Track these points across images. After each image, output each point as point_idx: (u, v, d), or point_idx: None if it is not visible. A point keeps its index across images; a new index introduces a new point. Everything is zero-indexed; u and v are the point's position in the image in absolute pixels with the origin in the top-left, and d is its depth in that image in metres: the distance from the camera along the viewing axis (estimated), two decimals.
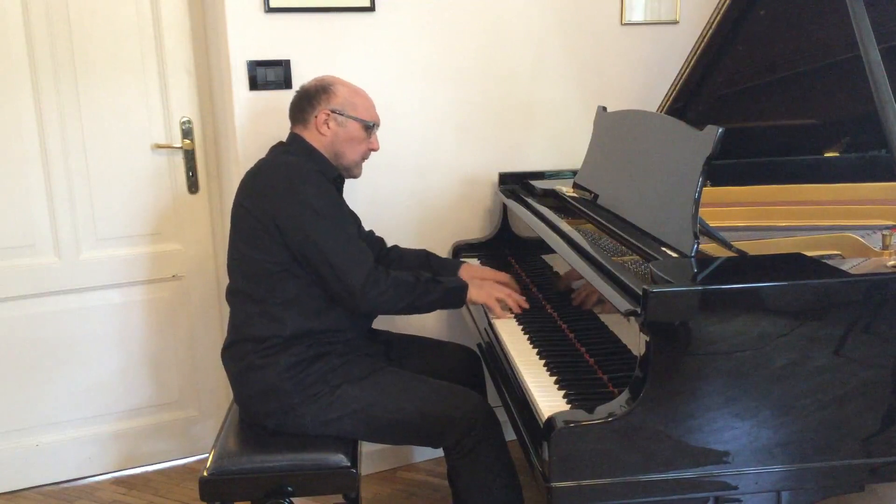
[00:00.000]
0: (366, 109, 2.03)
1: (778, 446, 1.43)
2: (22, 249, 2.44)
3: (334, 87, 2.00)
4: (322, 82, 2.02)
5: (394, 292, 1.89)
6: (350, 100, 2.00)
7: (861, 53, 1.74)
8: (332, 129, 1.99)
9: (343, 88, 2.01)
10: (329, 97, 1.98)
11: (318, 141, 1.99)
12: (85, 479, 2.64)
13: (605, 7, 2.67)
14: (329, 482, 1.82)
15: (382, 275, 1.88)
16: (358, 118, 2.00)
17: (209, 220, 2.63)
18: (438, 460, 2.65)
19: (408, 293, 1.91)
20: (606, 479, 1.40)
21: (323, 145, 2.00)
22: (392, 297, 1.89)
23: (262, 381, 1.86)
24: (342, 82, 2.03)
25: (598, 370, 1.65)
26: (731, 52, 2.15)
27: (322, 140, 1.99)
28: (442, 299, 1.98)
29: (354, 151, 2.03)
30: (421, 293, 1.92)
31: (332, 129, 1.99)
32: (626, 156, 2.02)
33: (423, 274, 1.98)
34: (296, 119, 2.03)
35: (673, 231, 1.64)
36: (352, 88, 2.03)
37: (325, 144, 2.00)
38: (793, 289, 1.40)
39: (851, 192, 2.20)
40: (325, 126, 1.98)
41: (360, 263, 1.86)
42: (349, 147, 2.01)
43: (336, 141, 2.00)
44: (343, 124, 1.99)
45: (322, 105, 1.98)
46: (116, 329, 2.59)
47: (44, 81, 2.36)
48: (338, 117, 1.98)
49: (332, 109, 1.98)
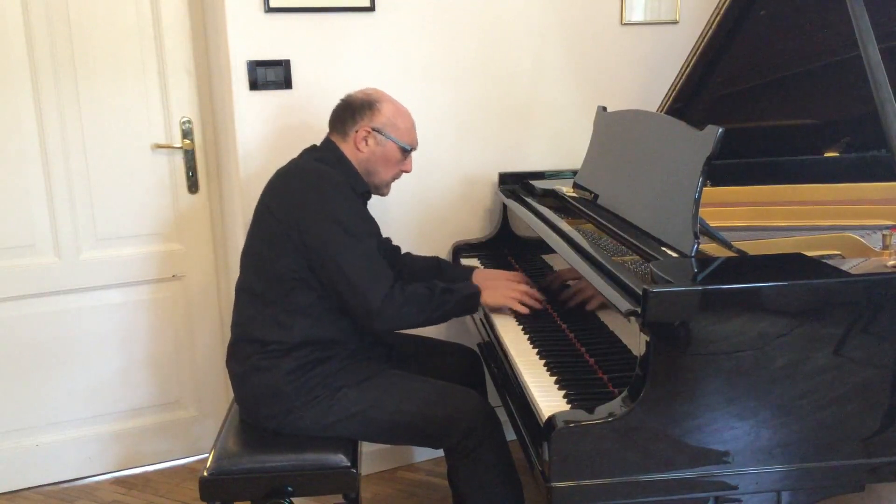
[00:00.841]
0: (407, 132, 2.01)
1: (778, 446, 1.43)
2: (22, 249, 2.44)
3: (380, 104, 1.97)
4: (369, 98, 1.99)
5: (410, 309, 1.86)
6: (393, 120, 1.98)
7: (861, 53, 1.74)
8: (370, 146, 1.97)
9: (389, 107, 1.98)
10: (374, 114, 1.96)
11: (353, 155, 1.98)
12: (85, 479, 2.64)
13: (605, 7, 2.67)
14: (329, 482, 1.82)
15: (398, 292, 1.85)
16: (398, 140, 1.99)
17: (209, 220, 2.63)
18: (438, 460, 2.65)
19: (424, 308, 1.88)
20: (606, 479, 1.40)
21: (358, 160, 1.98)
22: (409, 314, 1.87)
23: (263, 383, 1.86)
24: (389, 100, 2.00)
25: (598, 370, 1.65)
26: (731, 52, 2.15)
27: (358, 156, 1.98)
28: (456, 308, 1.95)
29: (388, 172, 2.02)
30: (436, 305, 1.90)
31: (371, 147, 1.97)
32: (626, 156, 2.02)
33: (436, 285, 1.94)
34: (335, 128, 2.01)
35: (673, 231, 1.64)
36: (397, 108, 2.00)
37: (360, 160, 1.98)
38: (793, 289, 1.41)
39: (851, 192, 2.20)
40: (363, 143, 1.96)
41: (379, 283, 1.84)
42: (384, 167, 2.00)
43: (372, 159, 1.98)
44: (382, 144, 1.97)
45: (365, 121, 1.96)
46: (116, 329, 2.59)
47: (44, 81, 2.36)
48: (378, 136, 1.96)
49: (374, 127, 1.96)
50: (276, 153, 2.36)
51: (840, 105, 2.29)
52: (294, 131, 2.38)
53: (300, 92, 2.38)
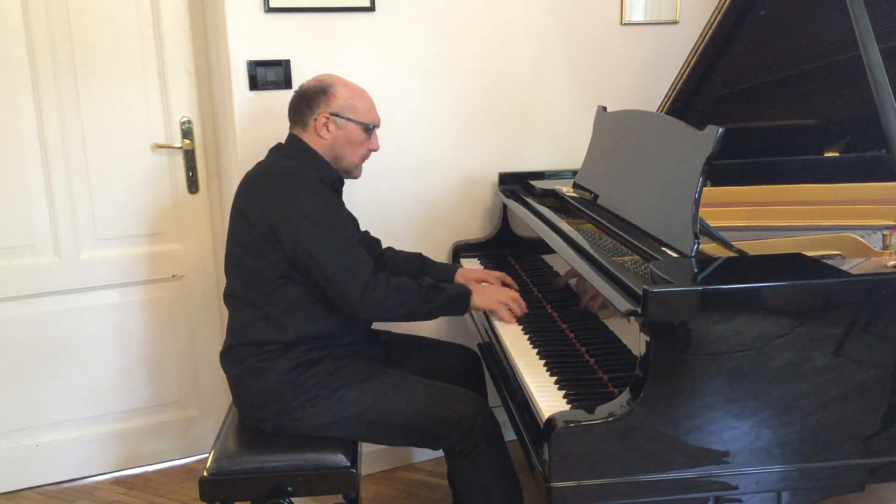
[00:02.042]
0: (366, 111, 1.99)
1: (778, 446, 1.43)
2: (22, 249, 2.44)
3: (334, 88, 1.96)
4: (321, 83, 1.97)
5: (394, 299, 1.85)
6: (350, 102, 1.96)
7: (861, 53, 1.74)
8: (331, 132, 1.95)
9: (343, 90, 1.97)
10: (329, 99, 1.95)
11: (317, 143, 1.97)
12: (85, 479, 2.64)
13: (605, 7, 2.67)
14: (329, 482, 1.82)
15: (382, 281, 1.85)
16: (358, 121, 1.97)
17: (209, 220, 2.63)
18: (438, 460, 2.64)
19: (408, 300, 1.87)
20: (606, 479, 1.40)
21: (322, 148, 1.97)
22: (392, 305, 1.86)
23: (260, 384, 1.86)
24: (342, 82, 1.99)
25: (598, 370, 1.65)
26: (731, 52, 2.15)
27: (321, 143, 1.96)
28: (444, 306, 1.94)
29: (354, 154, 2.00)
30: (422, 300, 1.89)
31: (332, 133, 1.95)
32: (627, 156, 2.02)
33: (425, 280, 1.94)
34: (294, 121, 2.01)
35: (673, 231, 1.64)
36: (352, 89, 1.99)
37: (325, 147, 1.97)
38: (793, 289, 1.41)
39: (851, 192, 2.20)
40: (324, 129, 1.95)
41: (358, 271, 1.83)
42: (349, 149, 1.99)
43: (336, 144, 1.97)
44: (343, 127, 1.96)
45: (322, 108, 1.95)
46: (116, 329, 2.59)
47: (44, 81, 2.36)
48: (337, 120, 1.95)
49: (332, 112, 1.94)
50: None
51: (840, 105, 2.28)
52: None
53: None
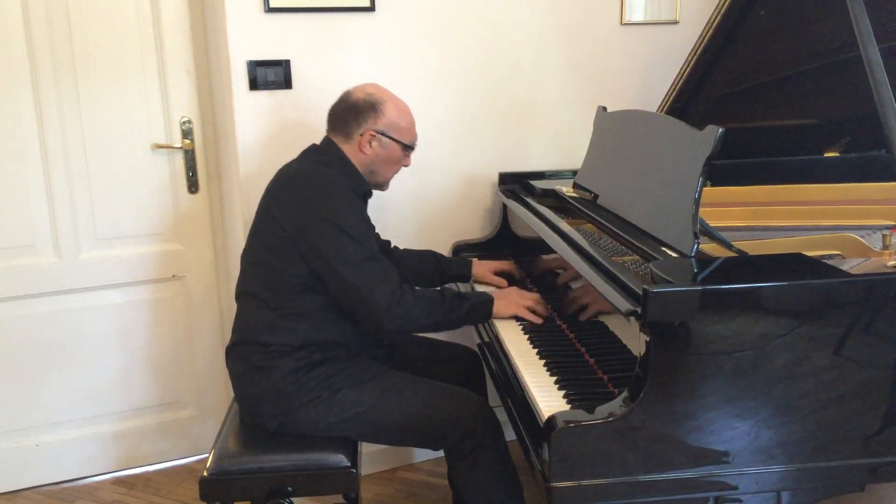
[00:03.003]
0: (409, 131, 2.00)
1: (778, 446, 1.43)
2: (22, 249, 2.44)
3: (384, 106, 1.95)
4: (372, 98, 1.96)
5: (419, 311, 1.85)
6: (396, 121, 1.96)
7: (861, 53, 1.74)
8: (373, 148, 1.96)
9: (392, 108, 1.96)
10: (377, 117, 1.94)
11: (356, 157, 1.96)
12: (85, 479, 2.64)
13: (605, 7, 2.67)
14: (329, 482, 1.82)
15: (407, 293, 1.84)
16: (401, 141, 1.98)
17: (209, 220, 2.63)
18: (438, 460, 2.65)
19: (434, 311, 1.87)
20: (606, 479, 1.40)
21: (361, 162, 1.97)
22: (417, 316, 1.85)
23: (264, 382, 1.86)
24: (391, 99, 1.98)
25: (598, 370, 1.65)
26: (731, 52, 2.15)
27: (361, 158, 1.97)
28: (468, 315, 1.94)
29: (390, 171, 2.03)
30: (447, 310, 1.89)
31: (374, 150, 1.96)
32: (626, 156, 2.02)
33: (448, 290, 1.94)
34: (337, 129, 1.99)
35: (673, 231, 1.64)
36: (399, 107, 1.98)
37: (363, 162, 1.97)
38: (793, 289, 1.41)
39: (851, 192, 2.20)
40: (367, 146, 1.95)
41: (385, 285, 1.82)
42: (386, 167, 2.00)
43: (375, 161, 1.97)
44: (385, 146, 1.96)
45: (369, 124, 1.94)
46: (116, 329, 2.59)
47: (44, 81, 2.36)
48: (382, 139, 1.95)
49: (378, 130, 1.94)
50: (276, 153, 2.36)
51: (840, 105, 2.28)
52: (294, 131, 2.38)
53: (300, 92, 2.38)
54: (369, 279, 1.81)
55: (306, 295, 1.86)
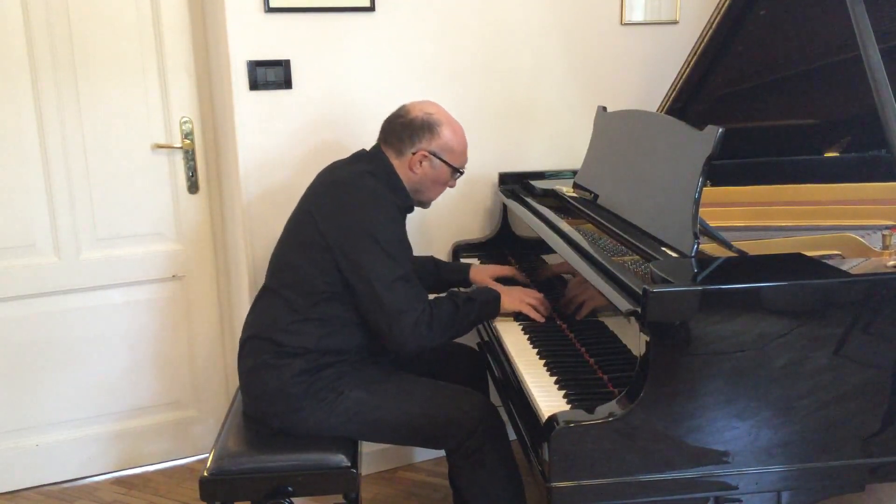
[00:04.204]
0: (461, 154, 2.00)
1: (778, 446, 1.43)
2: (22, 249, 2.44)
3: (441, 128, 1.95)
4: (430, 118, 1.96)
5: (438, 330, 1.85)
6: (450, 144, 1.96)
7: (861, 53, 1.74)
8: (424, 168, 1.96)
9: (448, 131, 1.96)
10: (433, 138, 1.94)
11: (405, 174, 1.96)
12: (85, 479, 2.64)
13: (605, 7, 2.67)
14: (329, 482, 1.82)
15: (427, 316, 1.83)
16: (452, 164, 1.98)
17: (209, 220, 2.63)
18: (438, 460, 2.65)
19: (451, 324, 1.88)
20: (606, 479, 1.40)
21: (409, 180, 1.97)
22: (437, 336, 1.86)
23: (271, 381, 1.86)
24: (448, 122, 1.98)
25: (598, 370, 1.65)
26: (731, 52, 2.15)
27: (410, 176, 1.96)
28: (480, 315, 1.96)
29: (436, 192, 2.04)
30: (462, 318, 1.90)
31: (424, 170, 1.96)
32: (627, 156, 2.02)
33: (458, 296, 1.94)
34: (390, 142, 1.98)
35: (673, 231, 1.64)
36: (455, 130, 1.98)
37: (412, 180, 1.97)
38: (793, 289, 1.41)
39: (851, 192, 2.20)
40: (418, 165, 1.95)
41: (413, 305, 1.82)
42: (433, 187, 2.01)
43: (424, 181, 1.98)
44: (436, 167, 1.97)
45: (424, 143, 1.94)
46: (116, 329, 2.59)
47: (44, 81, 2.36)
48: (434, 160, 1.95)
49: (431, 151, 1.95)
50: (276, 153, 2.36)
51: (840, 105, 2.29)
52: (294, 131, 2.38)
53: (300, 92, 2.38)
54: (399, 301, 1.80)
55: (331, 303, 1.86)
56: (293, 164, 2.39)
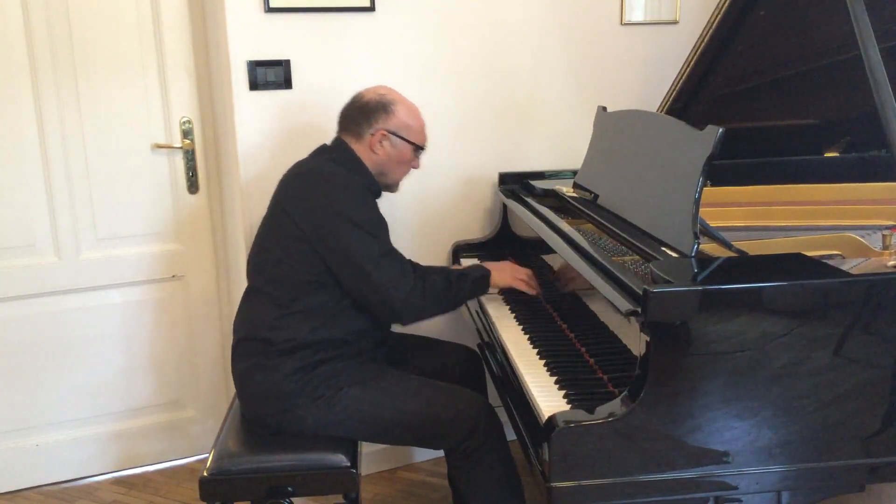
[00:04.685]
0: (419, 132, 2.03)
1: (778, 446, 1.43)
2: (22, 249, 2.44)
3: (395, 106, 1.98)
4: (383, 99, 1.99)
5: (432, 301, 1.91)
6: (407, 122, 2.00)
7: (861, 53, 1.74)
8: (384, 148, 1.98)
9: (402, 109, 2.00)
10: (388, 117, 1.97)
11: (367, 157, 1.99)
12: (85, 479, 2.64)
13: (605, 7, 2.67)
14: (329, 482, 1.82)
15: (420, 286, 1.89)
16: (411, 141, 2.01)
17: (209, 220, 2.63)
18: (438, 460, 2.65)
19: (444, 297, 1.94)
20: (606, 479, 1.40)
21: (371, 162, 1.99)
22: (431, 306, 1.93)
23: (266, 381, 1.86)
24: (402, 101, 2.02)
25: (598, 370, 1.65)
26: (731, 52, 2.15)
27: (372, 157, 1.99)
28: (471, 290, 2.03)
29: (400, 172, 2.05)
30: (455, 291, 1.97)
31: (385, 150, 1.99)
32: (627, 156, 2.02)
33: (451, 272, 2.00)
34: (347, 129, 2.01)
35: (673, 231, 1.64)
36: (409, 109, 2.02)
37: (374, 162, 2.00)
38: (793, 289, 1.41)
39: (851, 192, 2.20)
40: (378, 145, 1.98)
41: (402, 279, 1.86)
42: (396, 168, 2.03)
43: (386, 161, 2.00)
44: (396, 146, 1.99)
45: (380, 123, 1.97)
46: (116, 329, 2.59)
47: (44, 81, 2.36)
48: (393, 138, 1.98)
49: (389, 130, 1.97)
50: (277, 153, 2.36)
51: (840, 105, 2.28)
52: (294, 131, 2.38)
53: (300, 92, 2.38)
54: (387, 276, 1.85)
55: (316, 292, 1.87)
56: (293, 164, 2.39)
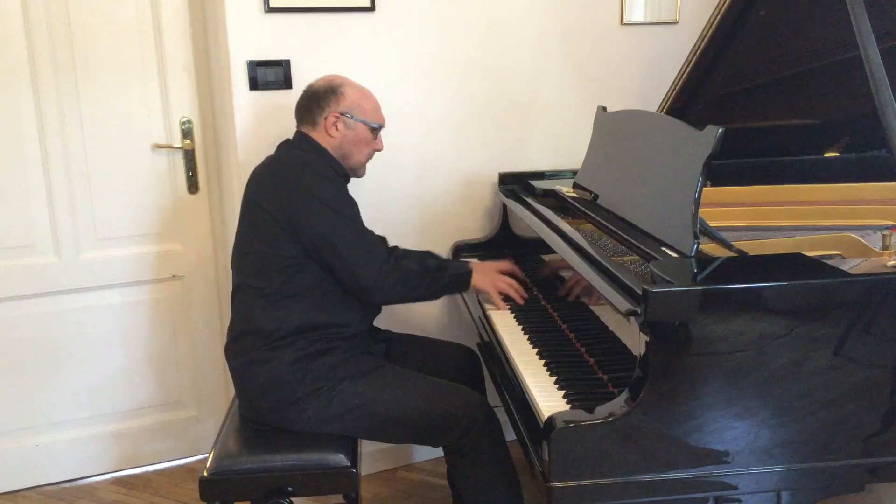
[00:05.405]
0: (373, 111, 2.06)
1: (778, 446, 1.43)
2: (22, 249, 2.44)
3: (343, 88, 2.02)
4: (331, 83, 2.03)
5: (406, 284, 1.94)
6: (358, 102, 2.03)
7: (861, 53, 1.74)
8: (340, 131, 2.01)
9: (352, 90, 2.03)
10: (338, 99, 2.01)
11: (326, 142, 2.02)
12: (85, 479, 2.64)
13: (605, 7, 2.67)
14: (329, 482, 1.82)
15: (394, 267, 1.93)
16: (366, 121, 2.03)
17: (209, 220, 2.63)
18: (438, 460, 2.65)
19: (418, 283, 1.97)
20: (606, 479, 1.40)
21: (331, 146, 2.02)
22: (404, 289, 1.95)
23: (265, 374, 1.86)
24: (350, 83, 2.05)
25: (598, 370, 1.65)
26: (730, 52, 2.15)
27: (331, 141, 2.02)
28: (449, 286, 2.05)
29: (361, 153, 2.07)
30: (430, 282, 1.98)
31: (341, 132, 2.01)
32: (627, 156, 2.02)
33: (429, 261, 2.02)
34: (303, 119, 2.05)
35: (673, 231, 1.64)
36: (360, 90, 2.05)
37: (334, 146, 2.02)
38: (793, 289, 1.40)
39: (851, 192, 2.20)
40: (333, 128, 2.01)
41: (373, 257, 1.91)
42: (356, 149, 2.05)
43: (344, 143, 2.03)
44: (351, 127, 2.02)
45: (331, 107, 2.00)
46: (116, 329, 2.59)
47: (44, 82, 2.36)
48: (347, 120, 2.01)
49: (341, 112, 2.00)
50: None
51: (840, 105, 2.28)
52: (294, 131, 2.37)
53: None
54: (358, 252, 1.89)
55: (298, 276, 1.90)
56: None
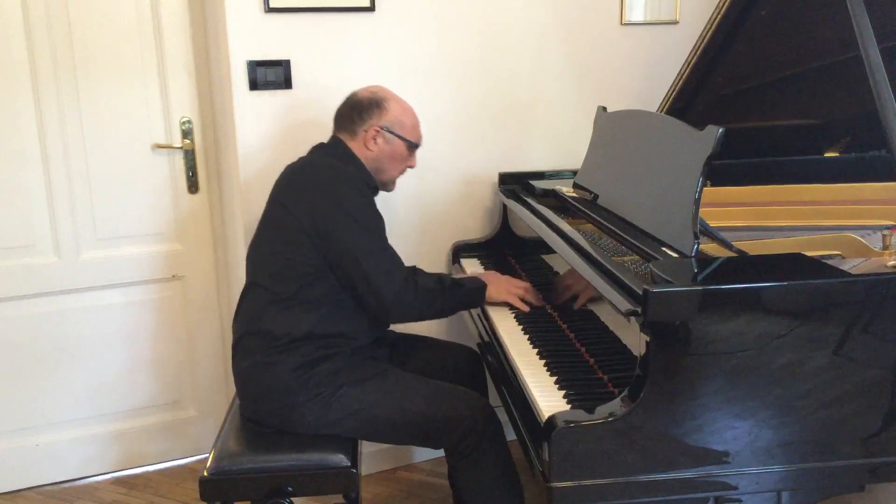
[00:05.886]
0: (412, 129, 2.06)
1: (778, 446, 1.43)
2: (22, 249, 2.44)
3: (387, 102, 2.01)
4: (375, 96, 2.02)
5: (422, 302, 1.93)
6: (400, 118, 2.02)
7: (861, 53, 1.74)
8: (378, 145, 2.00)
9: (395, 106, 2.02)
10: (382, 113, 2.00)
11: (362, 153, 2.01)
12: (85, 479, 2.64)
13: (605, 7, 2.67)
14: (329, 482, 1.82)
15: (411, 286, 1.91)
16: (405, 138, 2.03)
17: (209, 220, 2.63)
18: (438, 460, 2.65)
19: (434, 300, 1.96)
20: (606, 479, 1.40)
21: (367, 159, 2.01)
22: (421, 308, 1.95)
23: (268, 378, 1.86)
24: (395, 98, 2.04)
25: (598, 370, 1.65)
26: (731, 52, 2.15)
27: (367, 154, 2.01)
28: (464, 301, 2.05)
29: (395, 169, 2.07)
30: (446, 298, 1.98)
31: (379, 146, 2.01)
32: (627, 156, 2.02)
33: (445, 278, 2.01)
34: (343, 126, 2.04)
35: (673, 231, 1.64)
36: (403, 106, 2.05)
37: (370, 158, 2.02)
38: (793, 289, 1.41)
39: (851, 192, 2.20)
40: (372, 141, 2.00)
41: (394, 276, 1.89)
42: (391, 164, 2.05)
43: (381, 157, 2.02)
44: (390, 142, 2.01)
45: (374, 120, 2.00)
46: (116, 329, 2.59)
47: (44, 82, 2.35)
48: (386, 134, 2.00)
49: (383, 126, 2.00)
50: (277, 153, 2.36)
51: (840, 105, 2.28)
52: (294, 131, 2.38)
53: (300, 92, 2.38)
54: (380, 270, 1.87)
55: (315, 284, 1.88)
56: None
